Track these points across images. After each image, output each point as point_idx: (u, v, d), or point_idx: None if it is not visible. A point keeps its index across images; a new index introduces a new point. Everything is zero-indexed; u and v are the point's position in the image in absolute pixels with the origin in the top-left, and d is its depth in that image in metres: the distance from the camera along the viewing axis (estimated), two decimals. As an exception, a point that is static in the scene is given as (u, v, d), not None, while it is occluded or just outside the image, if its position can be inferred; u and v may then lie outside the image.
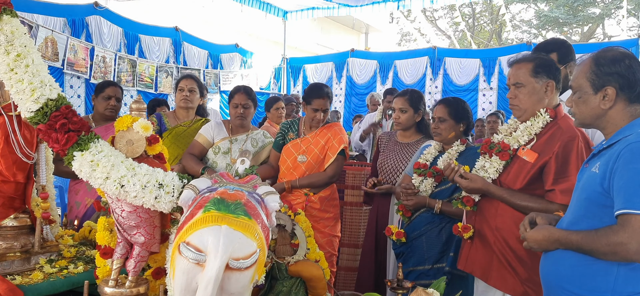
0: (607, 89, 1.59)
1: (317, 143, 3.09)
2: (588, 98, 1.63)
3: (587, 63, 1.65)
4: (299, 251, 1.81)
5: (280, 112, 4.89)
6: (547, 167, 2.02)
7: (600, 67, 1.61)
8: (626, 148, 1.49)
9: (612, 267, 1.50)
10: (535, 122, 2.10)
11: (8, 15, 1.74)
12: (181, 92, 3.37)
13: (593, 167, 1.59)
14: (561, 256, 1.61)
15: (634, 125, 1.57)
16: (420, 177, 2.67)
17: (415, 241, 2.64)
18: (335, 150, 3.06)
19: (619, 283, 1.49)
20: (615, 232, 1.44)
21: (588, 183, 1.59)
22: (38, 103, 1.64)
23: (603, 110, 1.61)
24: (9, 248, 1.97)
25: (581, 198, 1.60)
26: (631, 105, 1.60)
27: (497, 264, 2.13)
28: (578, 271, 1.56)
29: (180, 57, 8.04)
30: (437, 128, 2.67)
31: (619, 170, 1.47)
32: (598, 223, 1.53)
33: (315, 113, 3.07)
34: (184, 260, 1.26)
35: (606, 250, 1.47)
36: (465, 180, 2.18)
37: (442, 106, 2.68)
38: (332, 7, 9.17)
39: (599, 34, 19.65)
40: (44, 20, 5.91)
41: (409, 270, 2.61)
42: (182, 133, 3.29)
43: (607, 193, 1.51)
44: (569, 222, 1.64)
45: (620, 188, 1.46)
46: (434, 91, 9.04)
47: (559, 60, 2.50)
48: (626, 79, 1.58)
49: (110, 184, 1.52)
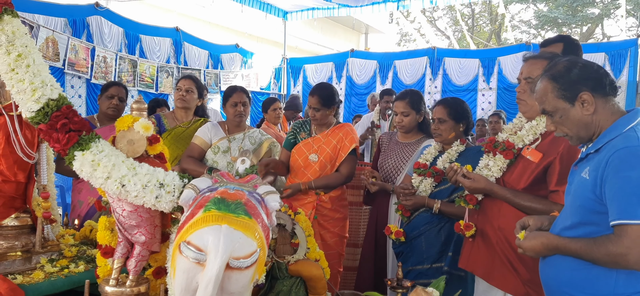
0: (582, 96, 1.56)
1: (329, 142, 3.09)
2: (568, 113, 1.59)
3: (547, 85, 1.61)
4: (299, 250, 1.82)
5: (278, 112, 4.91)
6: (552, 167, 2.01)
7: (561, 80, 1.58)
8: (614, 155, 1.47)
9: (611, 271, 1.49)
10: (540, 121, 2.08)
11: (9, 15, 1.74)
12: (178, 92, 3.36)
13: (583, 172, 1.58)
14: (561, 262, 1.61)
15: (618, 126, 1.54)
16: (420, 176, 2.68)
17: (415, 240, 2.64)
18: (347, 149, 3.06)
19: (619, 285, 1.49)
20: (614, 243, 1.43)
21: (580, 190, 1.57)
22: (39, 103, 1.64)
23: (588, 116, 1.57)
24: (10, 247, 1.98)
25: (575, 205, 1.59)
26: (609, 102, 1.57)
27: (499, 264, 2.12)
28: (578, 275, 1.56)
29: (180, 57, 8.05)
30: (437, 130, 2.68)
31: (609, 178, 1.46)
32: (595, 228, 1.52)
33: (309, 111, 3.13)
34: (184, 259, 1.26)
35: (606, 260, 1.46)
36: (468, 180, 2.17)
37: (441, 107, 2.68)
38: (332, 7, 9.16)
39: (598, 34, 19.64)
40: (45, 21, 5.92)
41: (408, 269, 2.61)
42: (181, 134, 3.28)
43: (599, 200, 1.50)
44: (565, 227, 1.62)
45: (613, 197, 1.44)
46: (433, 91, 9.04)
47: (564, 51, 2.52)
48: (591, 78, 1.56)
49: (111, 184, 1.53)
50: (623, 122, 1.54)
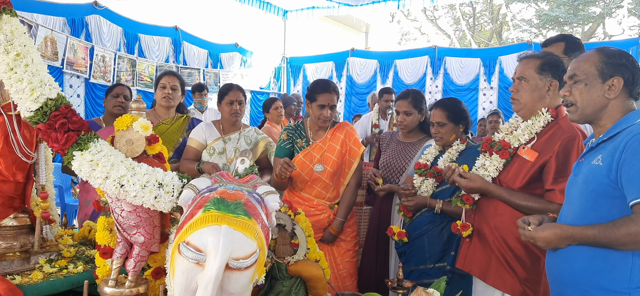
0: (614, 79, 1.62)
1: (332, 148, 2.83)
2: (595, 85, 1.65)
3: (595, 53, 1.68)
4: (299, 251, 1.81)
5: (280, 111, 4.92)
6: (547, 166, 2.02)
7: (609, 57, 1.64)
8: (633, 138, 1.52)
9: (627, 257, 1.51)
10: (536, 120, 2.09)
11: (8, 14, 1.73)
12: (163, 90, 3.24)
13: (594, 160, 1.62)
14: (574, 253, 1.61)
15: (630, 118, 1.61)
16: (421, 177, 2.67)
17: (417, 240, 2.64)
18: (356, 154, 2.85)
19: (635, 272, 1.51)
20: (635, 222, 1.46)
21: (592, 176, 1.60)
22: (37, 102, 1.63)
23: (607, 99, 1.64)
24: (9, 247, 1.97)
25: (587, 192, 1.62)
26: (629, 100, 1.65)
27: (495, 263, 2.13)
28: (593, 266, 1.57)
29: (180, 56, 8.05)
30: (438, 133, 2.65)
31: (628, 160, 1.50)
32: (607, 214, 1.55)
33: (322, 111, 2.76)
34: (183, 259, 1.25)
35: (626, 240, 1.48)
36: (465, 179, 2.17)
37: (440, 110, 2.65)
38: (333, 6, 9.16)
39: (600, 33, 19.63)
40: (44, 20, 5.91)
41: (411, 269, 2.61)
42: (165, 132, 3.21)
43: (614, 185, 1.54)
44: (575, 215, 1.64)
45: (632, 178, 1.48)
46: (434, 91, 9.04)
47: (565, 50, 2.51)
48: (632, 74, 1.62)
49: (110, 184, 1.52)
50: (634, 115, 1.62)
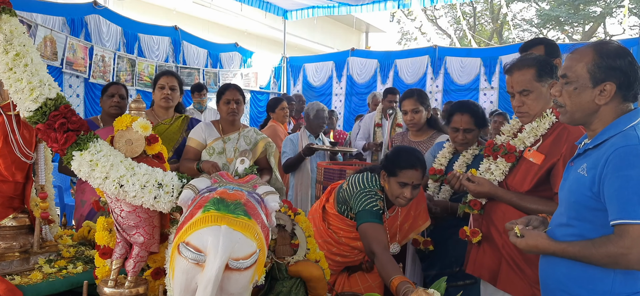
0: (606, 84, 1.52)
1: (402, 229, 2.49)
2: (585, 90, 1.54)
3: (589, 53, 1.55)
4: (299, 251, 1.80)
5: (285, 111, 4.97)
6: (555, 169, 1.99)
7: (603, 59, 1.52)
8: (614, 153, 1.45)
9: (609, 271, 1.49)
10: (541, 123, 2.07)
11: (7, 14, 1.73)
12: (162, 90, 3.21)
13: (579, 168, 1.56)
14: (557, 260, 1.60)
15: (619, 124, 1.52)
16: (437, 183, 2.66)
17: (440, 245, 2.61)
18: (419, 228, 2.51)
19: (616, 284, 1.49)
20: (614, 243, 1.42)
21: (576, 186, 1.56)
22: (37, 102, 1.62)
23: (597, 105, 1.54)
24: (8, 248, 1.97)
25: (570, 201, 1.58)
26: (623, 104, 1.55)
27: (505, 267, 2.11)
28: (575, 273, 1.56)
29: (179, 56, 8.04)
30: (465, 139, 2.60)
31: (609, 176, 1.44)
32: (590, 225, 1.52)
33: (403, 190, 2.25)
34: (183, 260, 1.25)
35: (606, 261, 1.45)
36: (473, 183, 2.15)
37: (468, 117, 2.59)
38: (333, 5, 9.15)
39: (600, 32, 19.63)
40: (43, 19, 5.90)
41: (435, 273, 2.58)
42: (164, 132, 3.19)
43: (597, 197, 1.49)
44: (560, 223, 1.62)
45: (613, 196, 1.43)
46: (435, 90, 9.03)
47: (546, 54, 2.53)
48: (626, 77, 1.51)
49: (109, 184, 1.51)
50: (623, 121, 1.52)
